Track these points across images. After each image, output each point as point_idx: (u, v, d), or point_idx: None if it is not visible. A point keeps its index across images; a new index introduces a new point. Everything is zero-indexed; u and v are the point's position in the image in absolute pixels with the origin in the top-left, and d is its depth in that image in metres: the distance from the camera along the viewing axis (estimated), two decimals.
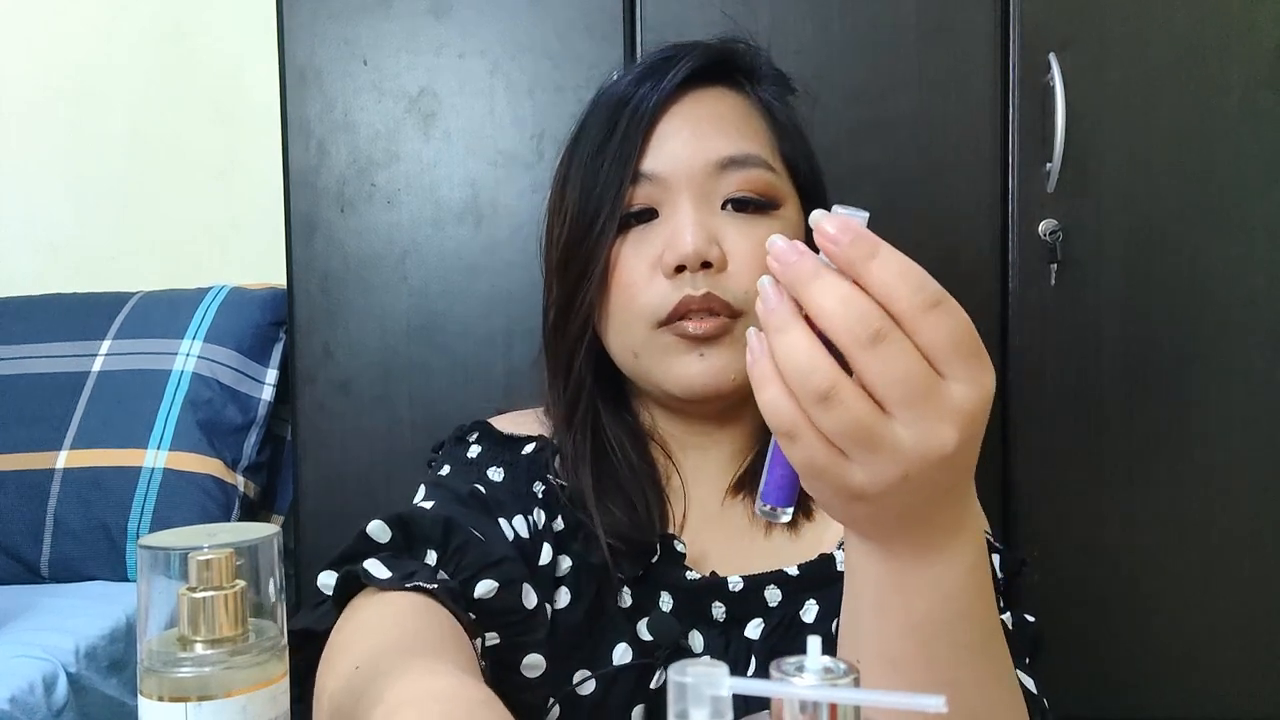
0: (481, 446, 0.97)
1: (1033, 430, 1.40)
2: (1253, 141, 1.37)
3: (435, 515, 0.83)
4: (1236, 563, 1.39)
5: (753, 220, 0.89)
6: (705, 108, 0.92)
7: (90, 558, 1.59)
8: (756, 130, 0.93)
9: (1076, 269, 1.38)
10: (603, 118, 0.93)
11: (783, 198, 0.92)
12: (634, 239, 0.90)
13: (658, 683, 0.84)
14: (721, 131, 0.90)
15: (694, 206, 0.88)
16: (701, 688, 0.39)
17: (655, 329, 0.88)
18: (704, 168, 0.89)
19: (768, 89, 0.97)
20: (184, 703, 0.50)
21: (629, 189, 0.89)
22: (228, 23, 1.96)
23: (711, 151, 0.89)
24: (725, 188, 0.89)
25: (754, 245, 0.88)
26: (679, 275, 0.87)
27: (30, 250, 2.03)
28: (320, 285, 1.48)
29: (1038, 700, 0.77)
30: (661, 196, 0.89)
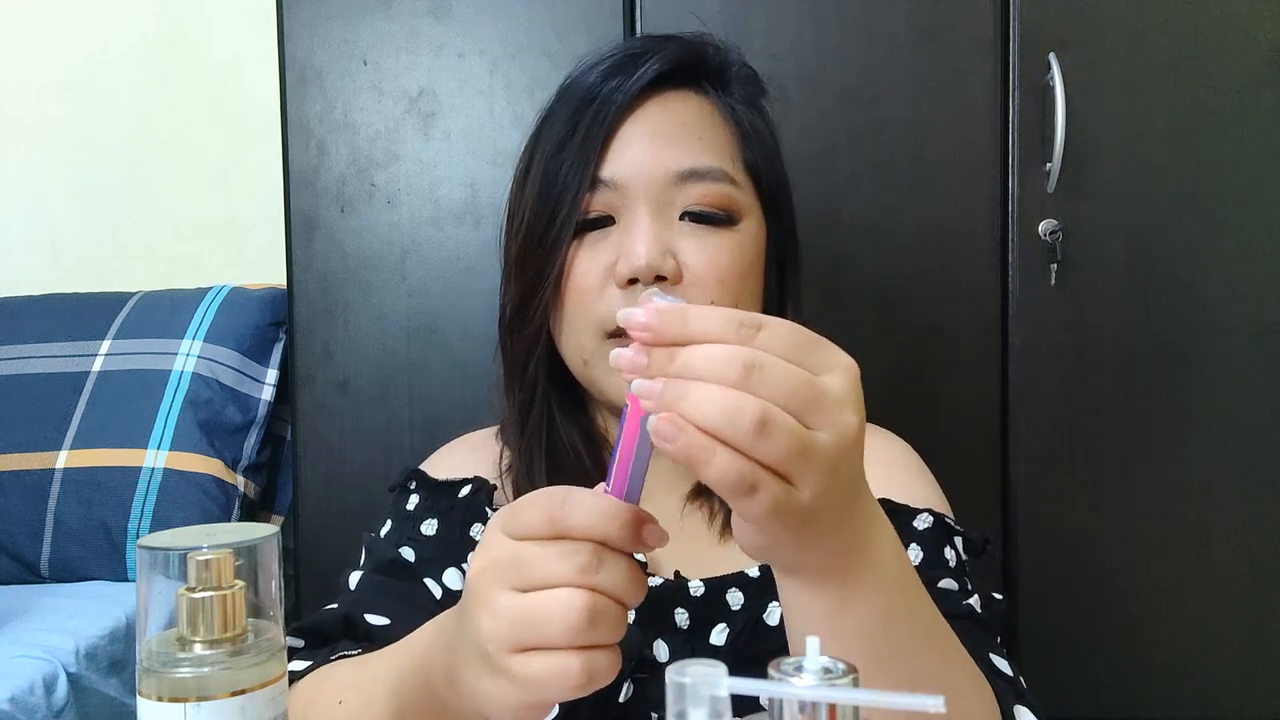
0: (419, 496, 0.97)
1: (1032, 430, 1.40)
2: (1252, 141, 1.37)
3: (334, 615, 0.88)
4: (1235, 563, 1.39)
5: (711, 233, 0.88)
6: (670, 114, 0.90)
7: (90, 558, 1.59)
8: (720, 138, 0.91)
9: (1076, 269, 1.38)
10: (566, 114, 0.91)
11: (743, 211, 0.90)
12: (590, 244, 0.89)
13: (626, 696, 0.83)
14: (684, 140, 0.89)
15: (651, 217, 0.87)
16: (700, 688, 0.39)
17: (606, 339, 0.88)
18: (663, 177, 0.87)
19: (737, 91, 0.95)
20: (183, 703, 0.50)
21: (587, 194, 0.88)
22: (228, 23, 1.96)
23: (672, 161, 0.88)
24: (684, 199, 0.88)
25: (709, 259, 0.87)
26: (632, 286, 0.86)
27: (30, 250, 2.03)
28: (320, 285, 1.48)
29: (1013, 680, 0.76)
30: (619, 204, 0.88)
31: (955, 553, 0.87)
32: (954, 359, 1.41)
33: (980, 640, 0.78)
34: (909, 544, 0.85)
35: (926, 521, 0.87)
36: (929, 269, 1.40)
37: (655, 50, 0.91)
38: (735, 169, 0.90)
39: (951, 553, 0.87)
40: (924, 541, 0.86)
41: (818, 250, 1.40)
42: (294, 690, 0.79)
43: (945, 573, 0.85)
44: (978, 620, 0.81)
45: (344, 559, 0.99)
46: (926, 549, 0.86)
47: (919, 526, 0.87)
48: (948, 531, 0.88)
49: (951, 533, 0.88)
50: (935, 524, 0.87)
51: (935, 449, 1.39)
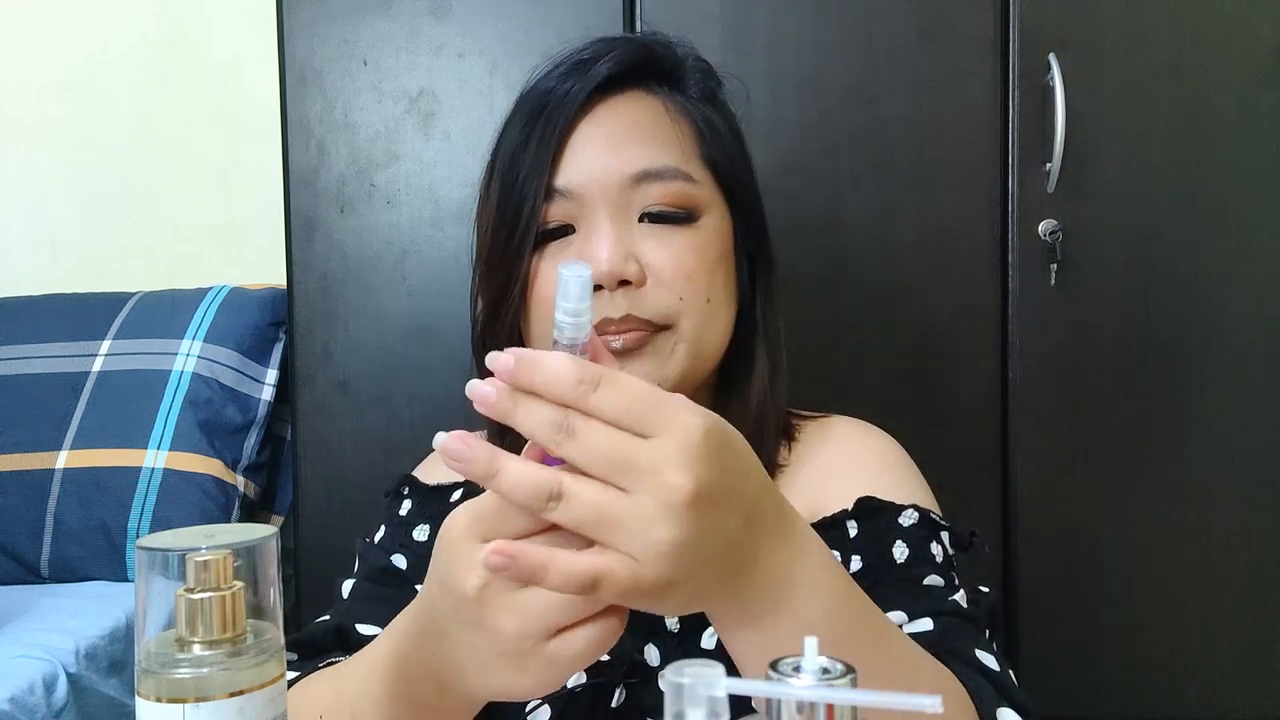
0: (410, 502, 0.98)
1: (1032, 430, 1.40)
2: (1252, 141, 1.37)
3: (327, 627, 0.88)
4: (1235, 563, 1.39)
5: (672, 231, 0.88)
6: (620, 116, 0.90)
7: (90, 558, 1.59)
8: (674, 136, 0.90)
9: (1076, 269, 1.38)
10: (519, 124, 0.91)
11: (703, 207, 0.90)
12: (552, 254, 0.89)
13: (618, 701, 0.83)
14: (638, 141, 0.88)
15: (610, 222, 0.87)
16: (698, 688, 0.39)
17: None
18: (619, 181, 0.87)
19: (692, 88, 0.95)
20: (182, 704, 0.50)
21: (544, 205, 0.88)
22: (228, 23, 1.96)
23: (626, 165, 0.87)
24: (642, 200, 0.88)
25: (673, 257, 0.87)
26: (596, 294, 0.85)
27: (30, 250, 2.03)
28: (320, 285, 1.48)
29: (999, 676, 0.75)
30: (578, 212, 0.88)
31: (942, 548, 0.87)
32: (954, 359, 1.41)
33: (965, 637, 0.78)
34: (895, 541, 0.85)
35: (912, 518, 0.87)
36: (929, 269, 1.40)
37: (604, 53, 0.91)
38: (692, 165, 0.90)
39: (938, 548, 0.87)
40: (909, 538, 0.86)
41: (818, 250, 1.41)
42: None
43: (931, 569, 0.84)
44: (964, 616, 0.81)
45: (344, 559, 1.00)
46: (912, 546, 0.85)
47: (904, 523, 0.86)
48: (934, 527, 0.87)
49: (938, 528, 0.88)
50: (921, 520, 0.87)
51: (935, 449, 1.39)
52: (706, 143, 0.92)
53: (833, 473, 0.93)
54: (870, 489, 0.89)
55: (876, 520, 0.87)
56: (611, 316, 0.85)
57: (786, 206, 1.40)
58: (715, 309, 0.90)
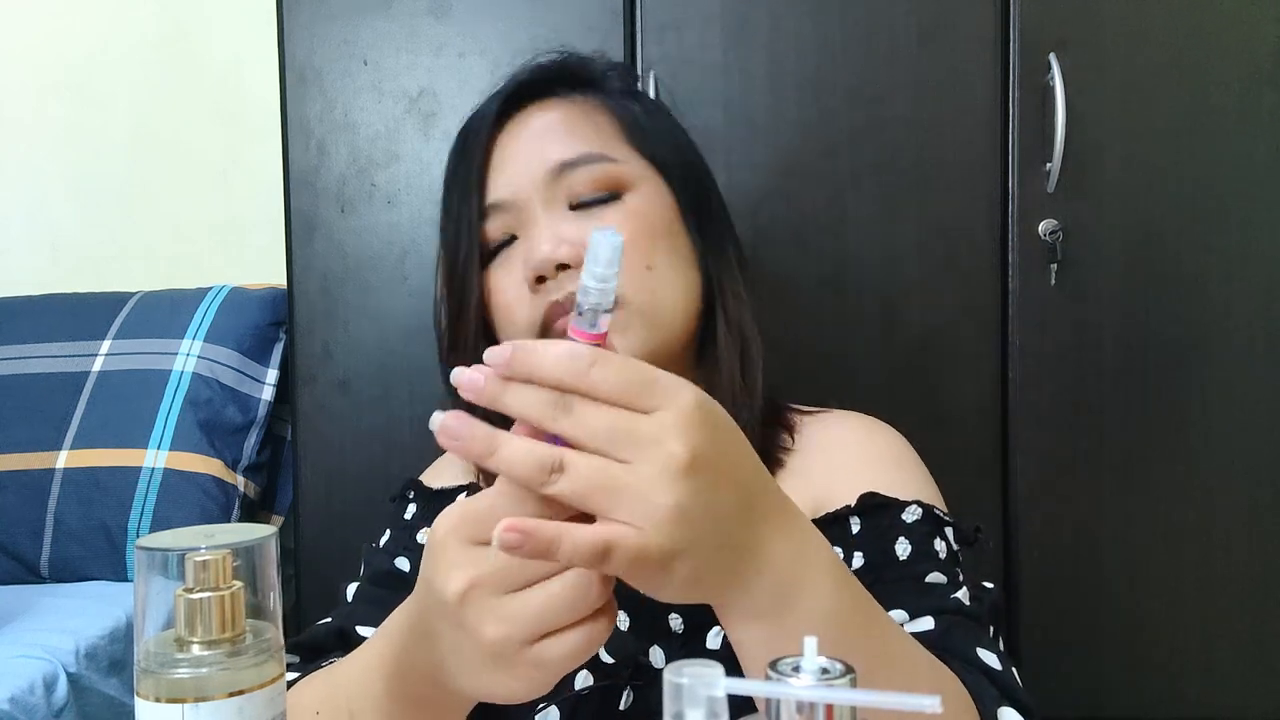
0: (415, 505, 0.99)
1: (1033, 430, 1.40)
2: (1252, 141, 1.37)
3: (328, 630, 0.89)
4: (1235, 562, 1.39)
5: (601, 211, 0.91)
6: (532, 122, 0.95)
7: (90, 558, 1.59)
8: (589, 126, 0.94)
9: (1076, 269, 1.38)
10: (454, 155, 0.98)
11: (630, 183, 0.92)
12: (502, 263, 0.93)
13: (626, 704, 0.83)
14: (551, 139, 0.92)
15: (543, 216, 0.91)
16: (697, 689, 0.39)
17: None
18: (541, 177, 0.91)
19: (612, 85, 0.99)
20: (181, 704, 0.50)
21: (483, 224, 0.93)
22: (228, 23, 1.96)
23: (544, 161, 0.91)
24: (567, 190, 0.91)
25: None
26: (542, 285, 0.89)
27: (30, 250, 2.03)
28: (320, 285, 1.48)
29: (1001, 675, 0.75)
30: (514, 221, 0.92)
31: (946, 544, 0.87)
32: (954, 359, 1.41)
33: (967, 636, 0.78)
34: (897, 537, 0.85)
35: (915, 514, 0.87)
36: (929, 269, 1.40)
37: (516, 75, 0.98)
38: (611, 147, 0.93)
39: (942, 544, 0.87)
40: (912, 534, 0.86)
41: (819, 250, 1.41)
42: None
43: (934, 565, 0.84)
44: (966, 614, 0.81)
45: (344, 559, 1.00)
46: (915, 542, 0.85)
47: (908, 519, 0.87)
48: (937, 523, 0.88)
49: (941, 524, 0.88)
50: (924, 516, 0.87)
51: (935, 449, 1.39)
52: (628, 129, 0.95)
53: (836, 467, 0.93)
54: (874, 484, 0.89)
55: (879, 517, 0.87)
56: (558, 299, 0.88)
57: (787, 206, 1.40)
58: (660, 274, 0.91)
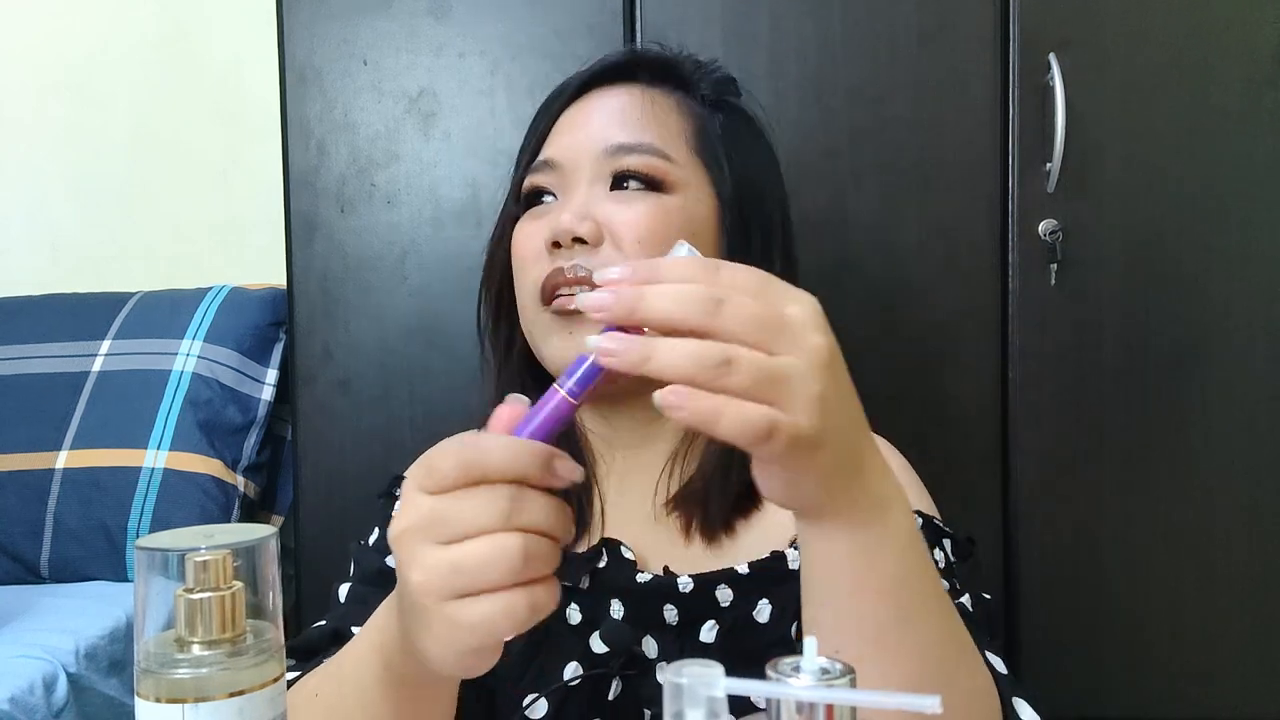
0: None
1: (1033, 430, 1.40)
2: (1253, 141, 1.37)
3: (323, 632, 0.89)
4: (1235, 562, 1.39)
5: (636, 196, 0.90)
6: (608, 101, 0.94)
7: (90, 558, 1.59)
8: (661, 124, 0.93)
9: (1076, 269, 1.38)
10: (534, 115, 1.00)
11: (677, 185, 0.91)
12: (535, 214, 0.94)
13: (615, 693, 0.83)
14: (619, 122, 0.92)
15: (584, 187, 0.91)
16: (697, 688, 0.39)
17: (540, 308, 0.90)
18: (596, 153, 0.91)
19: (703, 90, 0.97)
20: (181, 704, 0.50)
21: (532, 175, 0.94)
22: (228, 23, 1.96)
23: (604, 139, 0.91)
24: (614, 169, 0.91)
25: (629, 219, 0.88)
26: (555, 251, 0.89)
27: (30, 250, 2.03)
28: (320, 285, 1.48)
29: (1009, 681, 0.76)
30: (559, 182, 0.93)
31: (944, 554, 0.88)
32: (954, 359, 1.41)
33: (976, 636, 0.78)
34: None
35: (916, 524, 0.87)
36: (930, 269, 1.40)
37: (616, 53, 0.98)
38: (673, 147, 0.92)
39: (940, 554, 0.87)
40: None
41: (819, 250, 1.41)
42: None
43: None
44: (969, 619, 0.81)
45: (344, 559, 0.99)
46: None
47: None
48: (937, 533, 0.89)
49: (940, 534, 0.89)
50: (924, 526, 0.87)
51: (936, 449, 1.40)
52: (698, 136, 0.94)
53: None
54: None
55: None
56: (562, 267, 0.87)
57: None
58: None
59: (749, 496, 0.91)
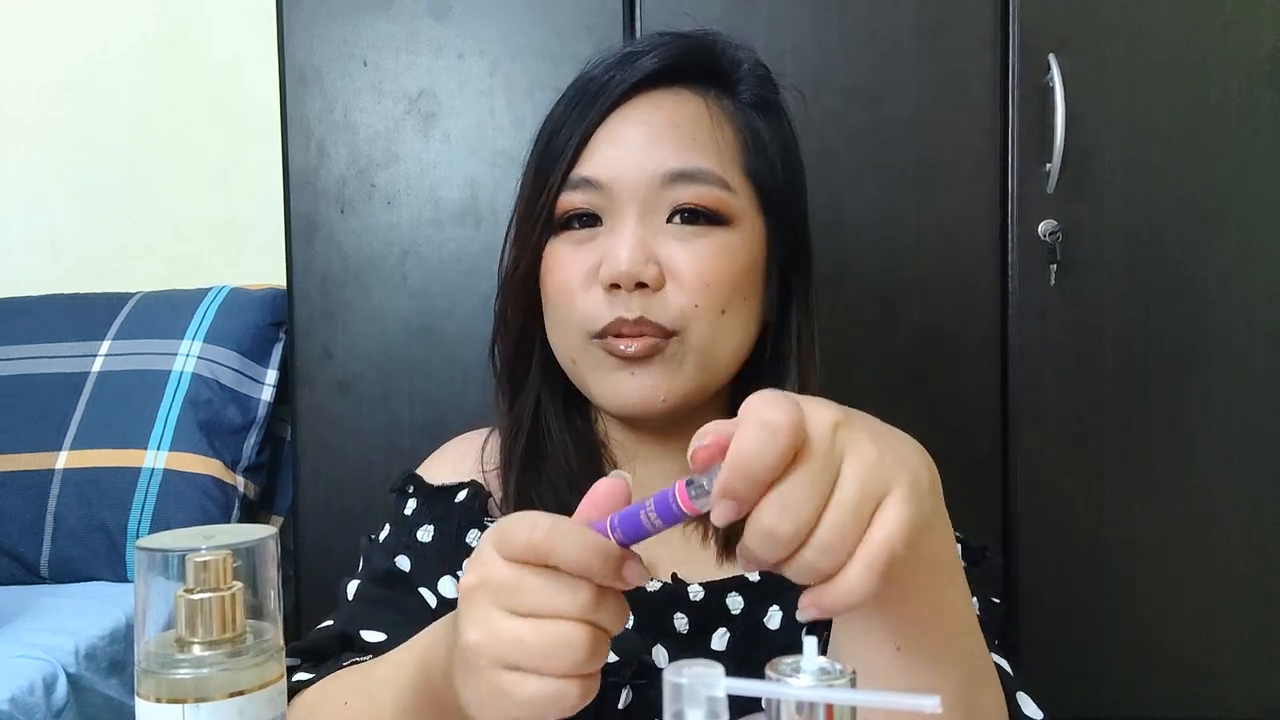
0: (415, 501, 0.96)
1: (1032, 430, 1.40)
2: (1253, 141, 1.37)
3: (331, 634, 0.86)
4: (1236, 562, 1.39)
5: (698, 234, 0.86)
6: (660, 112, 0.87)
7: (90, 558, 1.59)
8: (715, 140, 0.87)
9: (1076, 269, 1.38)
10: (564, 104, 0.90)
11: (736, 215, 0.87)
12: (575, 241, 0.88)
13: (625, 702, 0.82)
14: (673, 140, 0.86)
15: (636, 220, 0.85)
16: (697, 688, 0.39)
17: (590, 339, 0.86)
18: (650, 180, 0.85)
19: (746, 92, 0.92)
20: (181, 704, 0.50)
21: (571, 192, 0.87)
22: (228, 23, 1.96)
23: (659, 164, 0.85)
24: (671, 200, 0.85)
25: (694, 260, 0.85)
26: (614, 291, 0.84)
27: (30, 250, 2.03)
28: (320, 286, 1.48)
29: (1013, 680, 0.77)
30: (605, 204, 0.86)
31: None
32: (954, 359, 1.41)
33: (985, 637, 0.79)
34: None
35: None
36: (929, 269, 1.40)
37: (656, 46, 0.89)
38: (730, 172, 0.87)
39: None
40: None
41: (819, 250, 1.40)
42: (297, 701, 0.79)
43: None
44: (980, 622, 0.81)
45: (344, 559, 0.99)
46: None
47: None
48: None
49: None
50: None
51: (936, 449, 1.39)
52: (749, 151, 0.90)
53: None
54: None
55: None
56: (626, 317, 0.84)
57: None
58: (730, 321, 0.87)
59: None
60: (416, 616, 0.87)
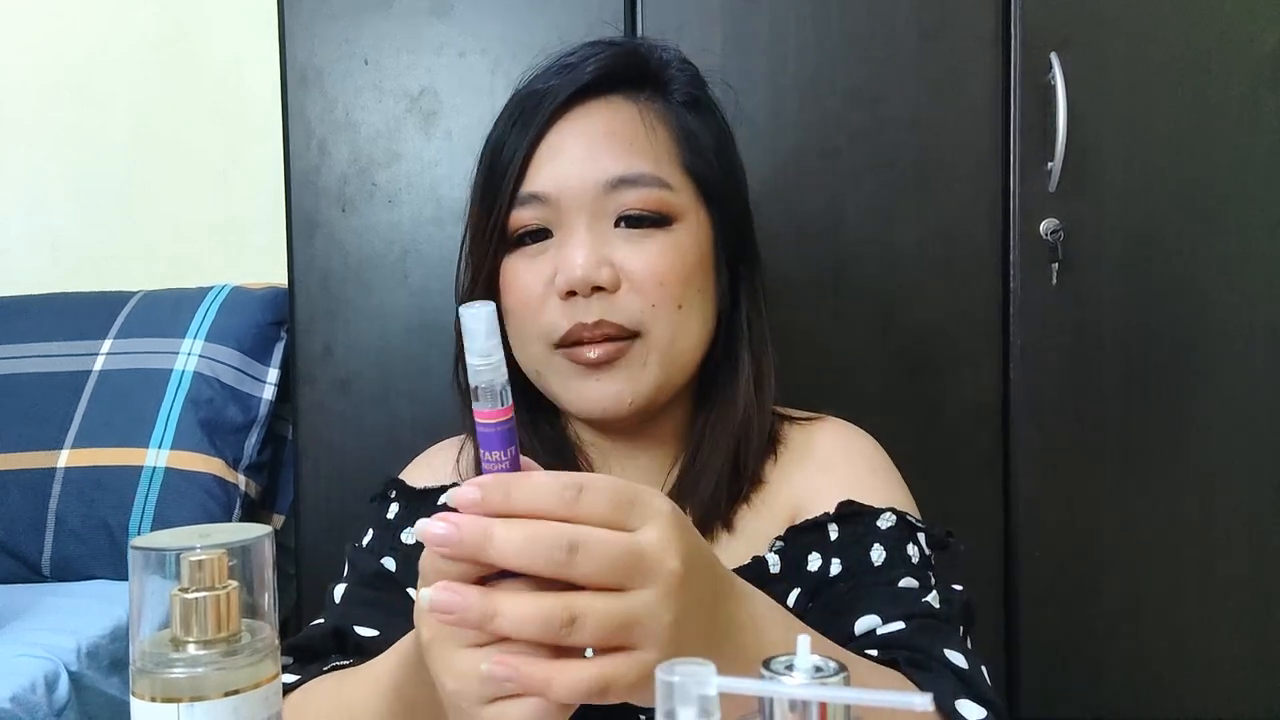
0: (399, 505, 0.98)
1: (1033, 430, 1.40)
2: (1253, 141, 1.37)
3: (323, 629, 0.88)
4: (1236, 562, 1.39)
5: (646, 236, 0.89)
6: (597, 122, 0.90)
7: (91, 557, 1.59)
8: (652, 143, 0.90)
9: (1077, 269, 1.38)
10: (503, 121, 0.93)
11: (679, 213, 0.90)
12: (529, 256, 0.91)
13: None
14: (614, 148, 0.89)
15: (586, 228, 0.88)
16: (689, 686, 0.39)
17: (553, 349, 0.89)
18: (594, 188, 0.88)
19: (677, 92, 0.95)
20: (176, 703, 0.50)
21: (519, 209, 0.89)
22: (228, 23, 1.96)
23: (601, 173, 0.88)
24: (616, 206, 0.88)
25: (647, 262, 0.88)
26: (571, 299, 0.87)
27: (30, 250, 2.03)
28: (321, 284, 1.48)
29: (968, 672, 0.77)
30: (553, 217, 0.89)
31: (918, 549, 0.89)
32: (954, 359, 1.41)
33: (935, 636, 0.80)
34: (873, 544, 0.87)
35: (889, 521, 0.89)
36: (930, 268, 1.40)
37: (589, 56, 0.92)
38: (669, 172, 0.90)
39: (914, 549, 0.89)
40: (886, 540, 0.88)
41: (819, 250, 1.41)
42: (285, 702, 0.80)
43: (906, 570, 0.86)
44: (935, 617, 0.83)
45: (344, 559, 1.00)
46: (889, 548, 0.87)
47: (881, 526, 0.89)
48: (910, 529, 0.90)
49: (914, 530, 0.90)
50: (898, 522, 0.89)
51: (936, 449, 1.40)
52: (685, 149, 0.93)
53: (817, 474, 0.95)
54: (851, 492, 0.91)
55: (856, 524, 0.89)
56: (585, 321, 0.86)
57: (787, 207, 1.40)
58: (687, 316, 0.90)
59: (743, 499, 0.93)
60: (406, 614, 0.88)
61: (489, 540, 0.52)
